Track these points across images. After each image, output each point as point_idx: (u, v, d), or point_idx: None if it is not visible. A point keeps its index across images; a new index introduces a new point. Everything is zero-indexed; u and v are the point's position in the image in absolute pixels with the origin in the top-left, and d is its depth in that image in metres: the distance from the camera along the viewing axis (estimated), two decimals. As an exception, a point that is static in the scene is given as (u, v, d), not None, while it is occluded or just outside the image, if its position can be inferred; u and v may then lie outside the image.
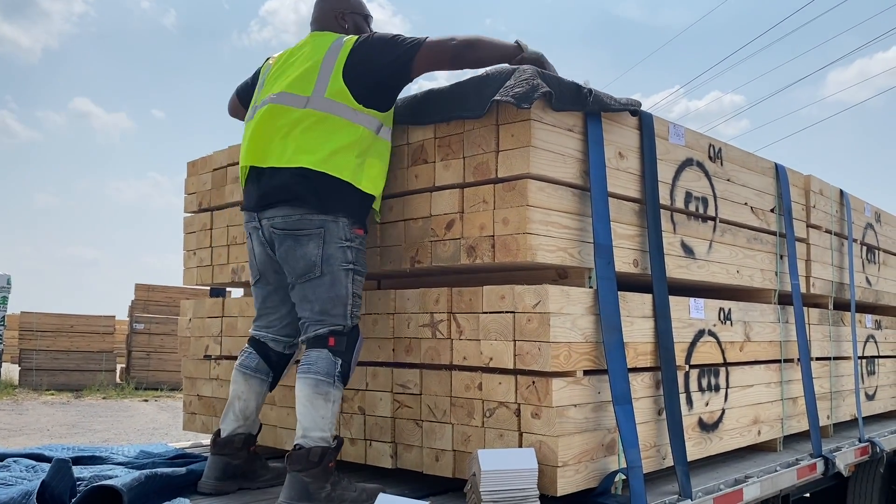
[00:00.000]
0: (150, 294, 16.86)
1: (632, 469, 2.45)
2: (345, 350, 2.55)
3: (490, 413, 2.48)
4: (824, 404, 4.03)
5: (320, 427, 2.46)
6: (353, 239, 2.59)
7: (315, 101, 2.60)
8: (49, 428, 10.19)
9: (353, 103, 2.59)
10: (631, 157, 2.82)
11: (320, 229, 2.54)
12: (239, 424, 2.75)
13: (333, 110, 2.59)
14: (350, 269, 2.58)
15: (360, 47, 2.63)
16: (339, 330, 2.56)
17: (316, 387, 2.48)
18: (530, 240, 2.41)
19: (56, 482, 2.35)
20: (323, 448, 2.44)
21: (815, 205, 4.10)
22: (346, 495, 2.44)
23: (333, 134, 2.57)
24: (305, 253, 2.56)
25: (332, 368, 2.51)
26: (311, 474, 2.40)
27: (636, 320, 2.71)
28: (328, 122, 2.58)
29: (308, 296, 2.58)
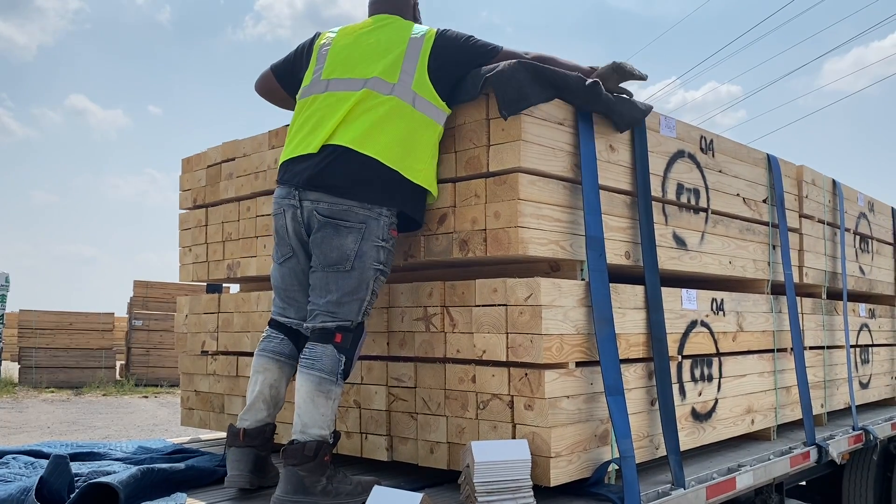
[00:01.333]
0: (149, 291, 16.88)
1: (624, 459, 2.47)
2: (349, 347, 2.52)
3: (484, 405, 2.50)
4: (818, 393, 4.05)
5: (319, 425, 2.45)
6: (388, 240, 2.55)
7: (401, 91, 2.54)
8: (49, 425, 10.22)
9: (436, 100, 2.55)
10: (622, 149, 2.83)
11: (362, 224, 2.50)
12: (269, 414, 2.66)
13: (418, 104, 2.54)
14: (379, 268, 2.55)
15: (442, 43, 2.59)
16: (348, 326, 2.52)
17: (319, 384, 2.45)
18: (522, 233, 2.42)
19: (54, 478, 2.37)
20: (319, 442, 2.42)
21: (807, 195, 4.12)
22: (341, 488, 2.44)
23: (411, 127, 2.52)
24: (342, 244, 2.50)
25: (336, 366, 2.48)
26: (307, 468, 2.39)
27: (628, 312, 2.73)
28: (410, 114, 2.53)
29: (330, 285, 2.53)
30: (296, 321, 2.71)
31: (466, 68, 2.58)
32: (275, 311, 2.76)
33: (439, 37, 2.61)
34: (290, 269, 2.68)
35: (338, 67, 2.65)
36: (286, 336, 2.71)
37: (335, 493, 2.42)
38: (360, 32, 2.72)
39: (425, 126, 2.55)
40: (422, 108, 2.54)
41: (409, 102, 2.53)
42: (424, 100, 2.54)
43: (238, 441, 2.59)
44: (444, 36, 2.62)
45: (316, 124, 2.59)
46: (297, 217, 2.58)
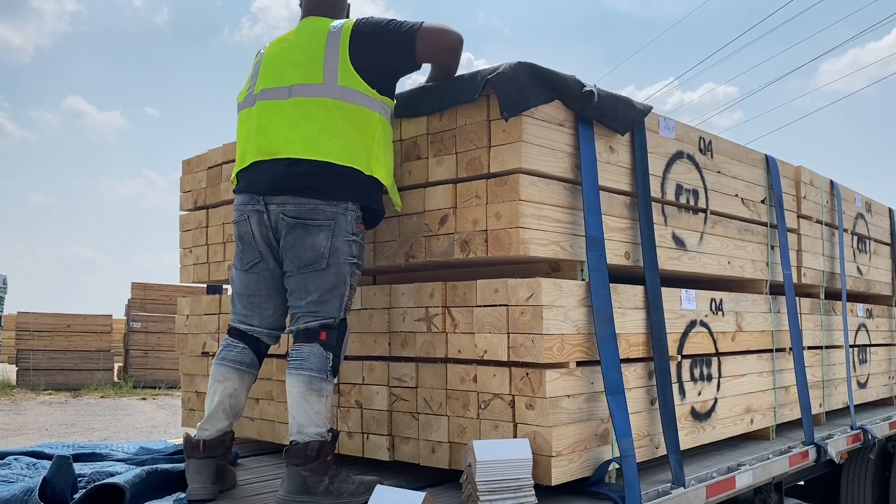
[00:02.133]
0: (147, 292, 16.88)
1: (625, 458, 2.48)
2: (335, 344, 2.53)
3: (485, 405, 2.52)
4: (816, 393, 4.07)
5: (315, 423, 2.45)
6: (358, 233, 2.58)
7: (328, 90, 2.54)
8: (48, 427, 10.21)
9: (368, 90, 2.55)
10: (622, 150, 2.85)
11: (331, 221, 2.51)
12: (229, 423, 2.66)
13: (350, 98, 2.53)
14: (354, 262, 2.57)
15: (360, 32, 2.57)
16: (331, 323, 2.53)
17: (310, 383, 2.46)
18: (523, 234, 2.44)
19: (57, 479, 2.38)
20: (321, 442, 2.43)
21: (805, 195, 4.14)
22: (343, 488, 2.45)
23: (351, 123, 2.53)
24: (315, 243, 2.51)
25: (325, 364, 2.49)
26: (310, 468, 2.40)
27: (628, 312, 2.75)
28: (345, 110, 2.53)
29: (309, 286, 2.53)
30: (257, 329, 2.70)
31: (392, 53, 2.57)
32: (235, 319, 2.73)
33: (356, 27, 2.59)
34: (257, 274, 2.67)
35: (267, 79, 2.65)
36: (247, 345, 2.69)
37: (338, 493, 2.43)
38: (286, 40, 2.71)
39: (363, 118, 2.54)
40: (355, 101, 2.53)
41: (340, 98, 2.53)
42: (356, 91, 2.54)
43: (198, 452, 2.56)
44: (361, 24, 2.59)
45: (260, 135, 2.60)
46: (264, 221, 2.57)
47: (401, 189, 2.80)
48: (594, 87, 2.66)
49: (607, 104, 2.69)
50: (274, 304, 2.69)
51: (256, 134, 2.62)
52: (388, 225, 2.83)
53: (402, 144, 2.82)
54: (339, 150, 2.51)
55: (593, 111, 2.65)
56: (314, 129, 2.52)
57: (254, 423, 3.38)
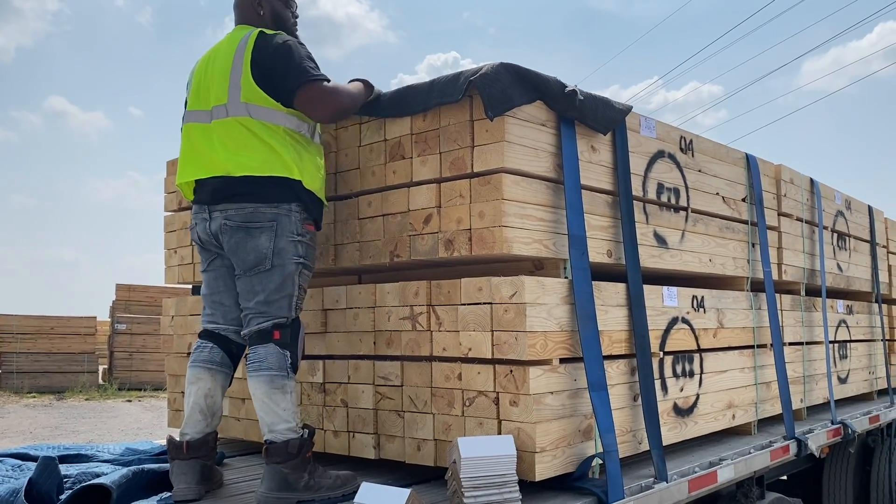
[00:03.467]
0: (132, 294, 16.79)
1: (608, 453, 2.52)
2: (290, 341, 2.57)
3: (469, 402, 2.54)
4: (797, 388, 4.13)
5: (284, 419, 2.49)
6: (305, 234, 2.61)
7: (234, 109, 2.59)
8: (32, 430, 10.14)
9: (269, 102, 2.58)
10: (603, 150, 2.88)
11: (272, 222, 2.56)
12: (207, 423, 2.67)
13: (253, 114, 2.58)
14: (300, 262, 2.60)
15: (261, 48, 2.60)
16: (283, 322, 2.57)
17: (272, 382, 2.50)
18: (506, 232, 2.46)
19: (43, 479, 2.39)
20: (301, 440, 2.49)
21: (785, 193, 4.19)
22: (322, 483, 2.51)
23: (259, 138, 2.56)
24: (257, 245, 2.55)
25: (283, 362, 2.53)
26: (291, 465, 2.45)
27: (610, 309, 2.78)
28: (252, 126, 2.57)
29: (255, 287, 2.57)
30: (223, 326, 2.74)
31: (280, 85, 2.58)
32: (203, 320, 2.80)
33: (260, 42, 2.61)
34: (214, 272, 2.75)
35: (195, 100, 2.72)
36: (216, 344, 2.73)
37: (317, 488, 2.49)
38: (213, 53, 2.74)
39: (268, 131, 2.58)
40: (259, 116, 2.58)
41: (246, 115, 2.58)
42: (258, 107, 2.58)
43: (182, 454, 2.58)
44: (264, 42, 2.61)
45: (195, 155, 2.68)
46: (207, 229, 2.65)
47: (385, 189, 2.83)
48: (576, 87, 2.69)
49: (588, 104, 2.72)
50: (233, 300, 2.73)
51: (191, 153, 2.70)
52: (372, 224, 2.85)
53: (387, 144, 2.84)
54: (259, 165, 2.55)
55: (575, 111, 2.68)
56: (233, 148, 2.58)
57: (240, 422, 3.38)
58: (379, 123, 2.85)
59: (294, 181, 2.58)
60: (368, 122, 2.90)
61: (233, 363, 2.76)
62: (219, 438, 3.66)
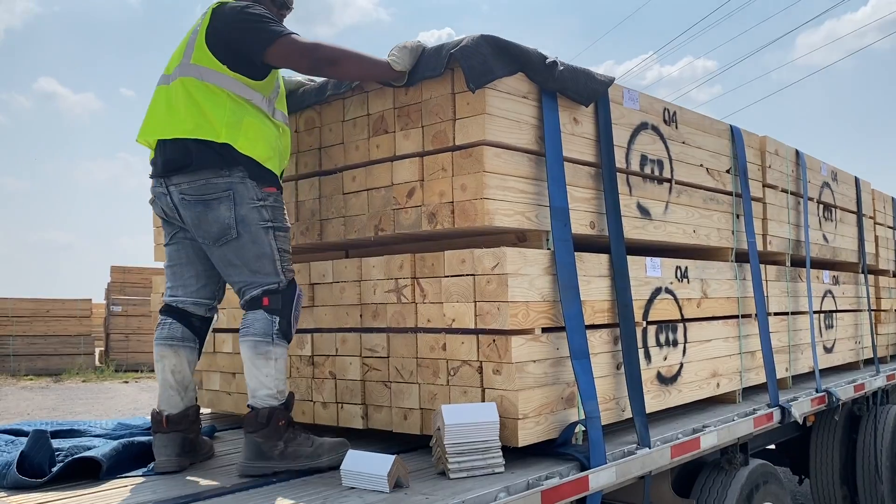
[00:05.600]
0: (126, 276, 16.81)
1: (590, 420, 2.56)
2: (281, 307, 2.55)
3: (454, 371, 2.58)
4: (783, 357, 4.18)
5: (266, 385, 2.50)
6: (266, 197, 2.58)
7: (184, 69, 2.61)
8: (29, 412, 10.20)
9: (218, 66, 2.58)
10: (586, 122, 2.90)
11: (228, 192, 2.53)
12: (182, 398, 2.68)
13: (199, 75, 2.58)
14: (269, 226, 2.57)
15: (219, 12, 2.62)
16: (273, 288, 2.56)
17: (255, 348, 2.51)
18: (488, 205, 2.49)
19: (35, 452, 2.43)
20: (270, 408, 2.48)
21: (770, 165, 4.22)
22: (300, 451, 2.49)
23: (205, 99, 2.55)
24: (218, 216, 2.54)
25: (270, 327, 2.53)
26: (263, 434, 2.46)
27: (593, 279, 2.82)
28: (200, 88, 2.57)
29: (232, 259, 2.57)
30: (182, 300, 2.75)
31: (245, 46, 2.59)
32: (165, 295, 2.80)
33: (219, 7, 2.64)
34: (177, 244, 2.75)
35: (168, 64, 2.73)
36: (175, 319, 2.73)
37: (294, 456, 2.48)
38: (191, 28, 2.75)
39: (206, 93, 2.56)
40: (205, 78, 2.57)
41: (192, 76, 2.58)
42: (205, 68, 2.58)
43: (162, 427, 2.61)
44: (223, 6, 2.64)
45: (147, 122, 2.71)
46: (168, 202, 2.64)
47: (369, 163, 2.84)
48: (556, 59, 2.70)
49: (569, 76, 2.74)
50: (195, 272, 2.74)
51: (149, 114, 2.72)
52: (357, 199, 2.88)
53: (370, 119, 2.86)
54: (189, 127, 2.54)
55: (556, 83, 2.70)
56: (180, 108, 2.58)
57: (231, 396, 3.43)
58: (362, 98, 2.87)
59: (222, 145, 2.52)
60: (351, 97, 2.91)
61: (196, 336, 2.75)
62: (211, 413, 3.72)
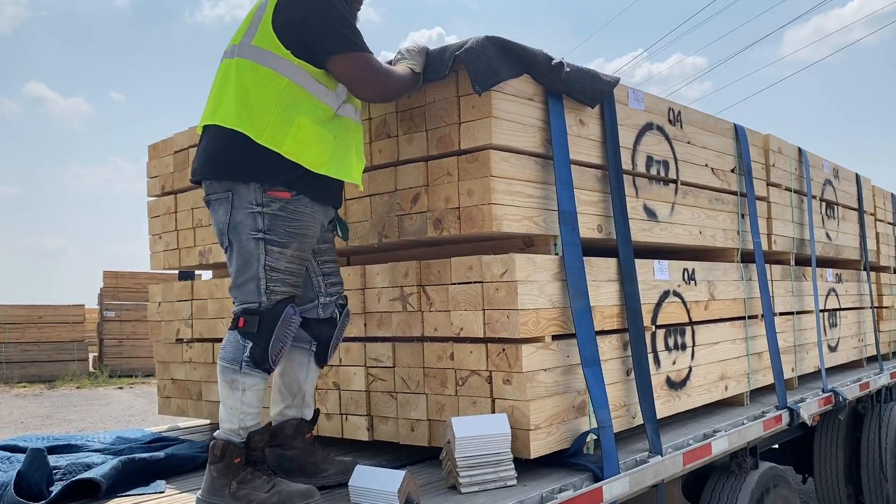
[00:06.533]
0: (119, 281, 16.69)
1: (603, 429, 2.51)
2: (256, 332, 2.22)
3: (462, 381, 2.52)
4: (788, 358, 4.14)
5: (228, 419, 2.24)
6: (268, 204, 2.23)
7: (242, 50, 2.32)
8: (23, 420, 10.10)
9: (281, 51, 2.26)
10: (592, 124, 2.85)
11: (228, 192, 2.25)
12: (287, 404, 2.46)
13: (258, 58, 2.28)
14: (260, 238, 2.23)
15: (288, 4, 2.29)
16: (252, 308, 2.25)
17: (223, 374, 2.25)
18: (495, 210, 2.43)
19: (32, 472, 2.35)
20: (223, 443, 2.21)
21: (774, 163, 4.18)
22: (254, 496, 2.17)
23: (255, 86, 2.26)
24: (218, 220, 2.30)
25: (239, 353, 2.22)
26: (217, 469, 2.20)
27: (602, 284, 2.76)
28: (253, 72, 2.27)
29: (230, 268, 2.31)
30: None
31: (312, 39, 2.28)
32: None
33: None
34: None
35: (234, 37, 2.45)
36: None
37: (245, 500, 2.17)
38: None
39: (268, 79, 2.26)
40: (263, 61, 2.27)
41: (250, 58, 2.29)
42: (269, 52, 2.27)
43: None
44: None
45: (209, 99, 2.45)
46: None
47: (372, 168, 2.78)
48: (563, 60, 2.65)
49: (575, 77, 2.68)
50: None
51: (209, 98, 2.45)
52: (360, 205, 2.81)
53: (372, 123, 2.79)
54: (232, 116, 2.26)
55: (562, 84, 2.64)
56: (228, 93, 2.31)
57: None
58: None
59: (261, 149, 2.21)
60: (352, 101, 2.85)
61: (314, 338, 2.51)
62: (211, 423, 3.65)
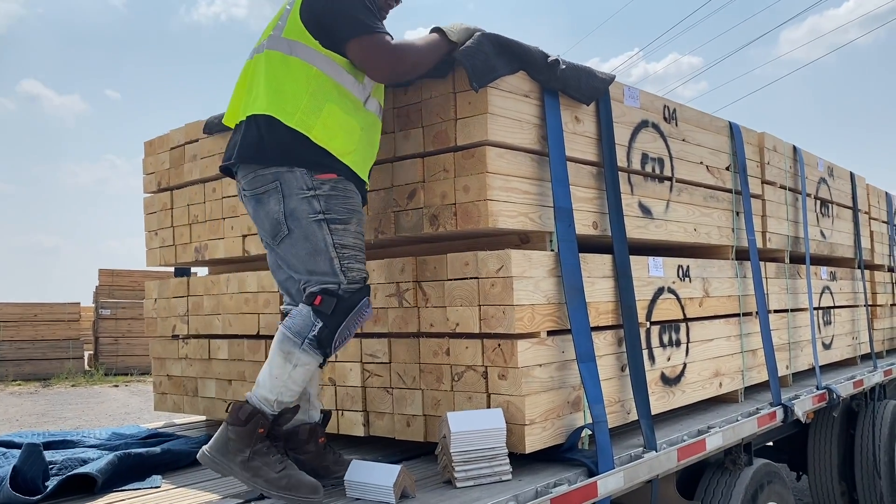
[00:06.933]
0: (115, 279, 16.66)
1: (597, 424, 2.52)
2: (330, 313, 2.24)
3: (458, 377, 2.53)
4: (783, 355, 4.16)
5: (268, 387, 2.24)
6: (319, 186, 2.27)
7: (272, 42, 2.38)
8: (18, 418, 10.08)
9: (310, 41, 2.32)
10: (587, 121, 2.86)
11: (275, 182, 2.27)
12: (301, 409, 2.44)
13: (288, 49, 2.33)
14: (321, 219, 2.27)
15: None
16: (332, 289, 2.27)
17: (281, 342, 2.24)
18: (491, 206, 2.44)
19: (28, 467, 2.36)
20: (254, 410, 2.21)
21: (769, 161, 4.19)
22: (263, 471, 2.17)
23: (286, 75, 2.31)
24: (268, 211, 2.30)
25: (306, 329, 2.23)
26: (236, 431, 2.19)
27: (597, 280, 2.77)
28: (283, 63, 2.33)
29: (288, 258, 2.33)
30: (291, 306, 2.56)
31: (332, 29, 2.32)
32: None
33: None
34: (270, 250, 2.53)
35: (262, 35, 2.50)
36: None
37: (254, 472, 2.17)
38: None
39: (297, 68, 2.31)
40: (294, 52, 2.33)
41: (279, 50, 2.35)
42: (298, 43, 2.32)
43: None
44: None
45: (231, 104, 2.51)
46: (241, 199, 2.46)
47: (368, 164, 2.78)
48: (558, 57, 2.66)
49: (571, 74, 2.69)
50: (285, 276, 2.54)
51: (231, 97, 2.50)
52: (356, 201, 2.82)
53: (368, 119, 2.80)
54: (265, 103, 2.30)
55: (558, 82, 2.65)
56: (259, 84, 2.36)
57: (227, 404, 3.35)
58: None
59: (296, 134, 2.25)
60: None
61: None
62: (206, 420, 3.65)
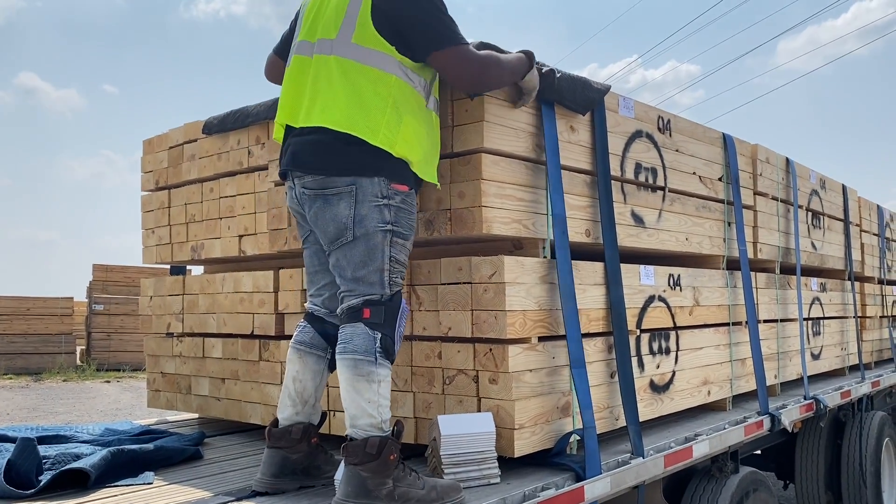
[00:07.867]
0: (109, 274, 16.65)
1: (586, 430, 2.55)
2: (383, 322, 2.25)
3: (450, 380, 2.57)
4: (772, 364, 4.20)
5: (368, 413, 2.17)
6: (392, 196, 2.27)
7: (339, 47, 2.29)
8: (8, 412, 10.07)
9: (387, 48, 2.26)
10: (582, 130, 2.90)
11: (351, 186, 2.24)
12: (297, 411, 2.45)
13: (363, 58, 2.26)
14: (388, 230, 2.27)
15: None
16: (376, 300, 2.26)
17: (355, 368, 2.19)
18: (485, 212, 2.48)
19: (21, 460, 2.38)
20: (382, 438, 2.15)
21: (761, 173, 4.24)
22: (411, 493, 2.14)
23: (367, 87, 2.25)
24: (336, 214, 2.26)
25: (371, 344, 2.21)
26: (370, 468, 2.12)
27: (588, 288, 2.81)
28: (361, 73, 2.26)
29: (341, 262, 2.29)
30: (317, 308, 2.53)
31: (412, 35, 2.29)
32: (307, 301, 2.62)
33: None
34: (309, 247, 2.53)
35: (306, 29, 2.45)
36: (309, 324, 2.52)
37: (403, 499, 2.13)
38: None
39: (377, 79, 2.26)
40: (367, 60, 2.27)
41: (351, 57, 2.28)
42: (375, 52, 2.27)
43: (267, 441, 2.43)
44: None
45: (285, 102, 2.44)
46: (294, 196, 2.41)
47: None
48: (554, 67, 2.69)
49: (566, 85, 2.72)
50: (328, 278, 2.50)
51: (282, 97, 2.46)
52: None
53: (366, 124, 2.83)
54: (339, 119, 2.24)
55: (553, 92, 2.68)
56: (337, 94, 2.27)
57: (220, 402, 3.39)
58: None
59: (375, 148, 2.22)
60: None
61: (329, 345, 2.50)
62: (200, 418, 3.68)
